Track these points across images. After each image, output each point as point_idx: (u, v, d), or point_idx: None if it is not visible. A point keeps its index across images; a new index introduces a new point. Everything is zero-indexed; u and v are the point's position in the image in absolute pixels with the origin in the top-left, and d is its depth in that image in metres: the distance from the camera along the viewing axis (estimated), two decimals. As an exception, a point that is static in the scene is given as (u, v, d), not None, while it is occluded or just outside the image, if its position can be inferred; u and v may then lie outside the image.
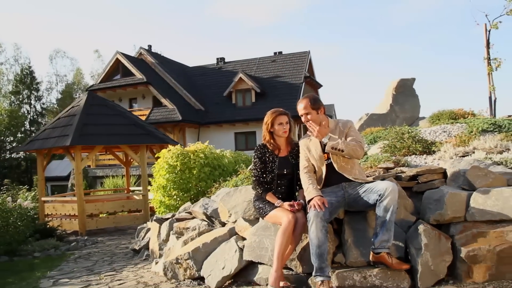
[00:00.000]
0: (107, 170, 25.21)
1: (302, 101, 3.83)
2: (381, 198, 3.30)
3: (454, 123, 6.80)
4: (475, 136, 5.23)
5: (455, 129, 6.44)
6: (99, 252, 7.94)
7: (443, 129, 6.51)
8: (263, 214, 3.77)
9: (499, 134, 5.49)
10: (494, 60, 9.16)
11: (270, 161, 3.89)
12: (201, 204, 5.23)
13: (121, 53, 26.74)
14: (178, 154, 7.48)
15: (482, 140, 4.97)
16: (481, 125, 6.21)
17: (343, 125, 3.80)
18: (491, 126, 6.21)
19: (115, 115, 11.89)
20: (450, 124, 6.73)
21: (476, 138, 5.14)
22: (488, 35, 9.22)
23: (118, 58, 26.66)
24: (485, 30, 9.24)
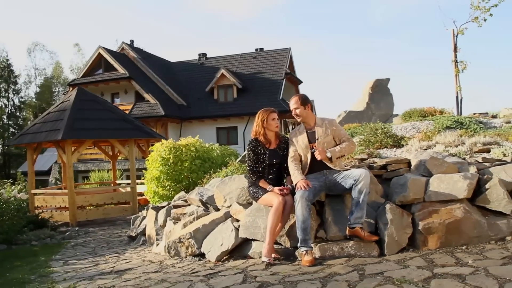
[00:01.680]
0: (89, 164, 25.45)
1: (293, 98, 4.51)
2: (356, 183, 3.96)
3: (423, 120, 7.54)
4: (438, 132, 5.96)
5: (423, 125, 7.17)
6: (94, 240, 8.42)
7: (413, 125, 7.23)
8: (256, 197, 4.41)
9: (460, 130, 6.24)
10: (461, 63, 9.95)
11: (262, 153, 4.51)
12: (197, 192, 5.83)
13: (104, 48, 26.87)
14: (171, 147, 8.04)
15: (444, 135, 5.71)
16: (445, 122, 6.96)
17: (329, 123, 4.45)
18: (454, 123, 6.96)
19: (104, 110, 12.35)
20: (419, 121, 7.47)
21: (439, 134, 5.88)
22: (455, 39, 9.99)
23: (100, 53, 26.74)
24: (453, 35, 10.02)
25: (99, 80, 26.72)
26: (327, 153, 4.24)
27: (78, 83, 26.26)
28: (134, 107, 25.49)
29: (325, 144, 4.34)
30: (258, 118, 4.60)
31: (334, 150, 4.26)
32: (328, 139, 4.36)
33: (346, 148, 4.34)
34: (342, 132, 4.49)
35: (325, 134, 4.36)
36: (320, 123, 4.43)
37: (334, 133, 4.40)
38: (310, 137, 4.39)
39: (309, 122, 4.46)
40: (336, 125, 4.50)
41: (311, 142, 4.37)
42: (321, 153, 4.21)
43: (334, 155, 4.25)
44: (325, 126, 4.40)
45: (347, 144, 4.37)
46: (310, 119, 4.46)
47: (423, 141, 5.66)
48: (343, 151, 4.32)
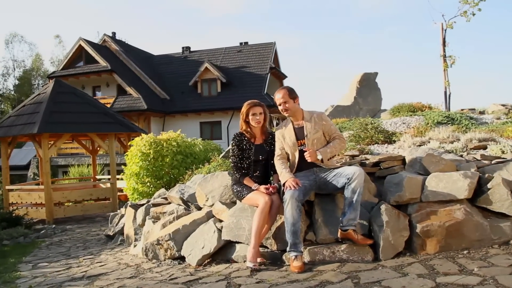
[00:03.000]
0: (70, 159, 24.82)
1: (280, 91, 4.12)
2: (349, 182, 3.66)
3: (413, 115, 7.31)
4: (430, 128, 5.72)
5: (413, 121, 6.94)
6: (70, 239, 8.03)
7: (403, 120, 7.00)
8: (241, 196, 4.09)
9: (452, 126, 6.02)
10: (449, 58, 9.77)
11: (247, 149, 4.18)
12: (178, 190, 5.49)
13: (84, 40, 26.22)
14: (151, 142, 7.68)
15: (437, 131, 5.46)
16: (436, 117, 6.74)
17: (318, 117, 4.10)
18: (445, 119, 6.75)
19: (83, 103, 11.88)
20: (409, 116, 7.24)
21: (431, 130, 5.64)
22: (444, 33, 9.80)
23: (81, 45, 26.08)
24: (442, 29, 9.84)
25: (80, 73, 26.08)
26: (318, 155, 3.91)
27: (58, 76, 25.60)
28: (116, 101, 24.94)
29: (315, 141, 4.03)
30: (241, 113, 4.28)
31: (325, 151, 3.94)
32: (317, 135, 4.04)
33: (337, 147, 4.04)
34: (333, 128, 4.17)
35: (315, 130, 4.04)
36: (308, 118, 4.10)
37: (323, 128, 4.08)
38: (298, 133, 4.07)
39: (297, 117, 4.13)
40: (325, 119, 4.18)
41: (299, 139, 4.05)
42: (311, 155, 3.87)
43: (326, 156, 3.94)
44: (314, 121, 4.08)
45: (338, 142, 4.07)
46: (298, 113, 4.13)
47: (416, 137, 5.41)
48: (334, 150, 4.02)
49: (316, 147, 3.99)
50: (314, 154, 3.88)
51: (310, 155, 3.87)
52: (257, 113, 4.20)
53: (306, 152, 3.90)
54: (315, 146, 4.00)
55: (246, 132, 4.25)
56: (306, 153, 3.90)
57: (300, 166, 4.03)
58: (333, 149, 4.00)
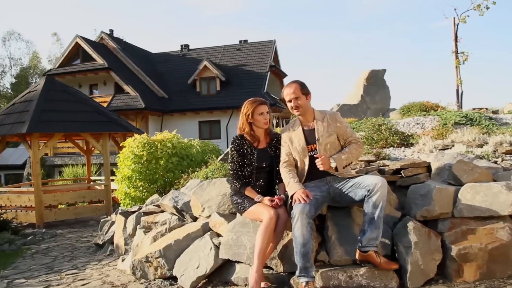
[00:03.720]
0: (66, 158, 24.30)
1: (291, 85, 3.55)
2: (369, 194, 3.11)
3: (426, 115, 6.77)
4: (451, 129, 5.18)
5: (427, 121, 6.40)
6: (58, 247, 7.51)
7: (416, 121, 6.46)
8: (241, 210, 3.55)
9: (475, 127, 5.47)
10: (461, 54, 9.24)
11: (248, 154, 3.64)
12: (171, 197, 4.95)
13: (81, 37, 25.73)
14: (144, 143, 7.13)
15: (460, 133, 4.92)
16: (453, 117, 6.20)
17: (331, 118, 3.57)
18: (463, 119, 6.21)
19: (76, 101, 11.34)
20: (422, 116, 6.70)
21: (453, 131, 5.09)
22: (456, 28, 9.28)
23: (77, 42, 25.63)
24: (454, 23, 9.31)
25: (77, 71, 25.63)
26: (332, 162, 3.37)
27: (54, 74, 25.22)
28: (113, 99, 24.47)
29: (328, 146, 3.49)
30: (243, 111, 3.72)
31: (340, 158, 3.40)
32: (331, 139, 3.50)
33: (354, 153, 3.50)
34: (349, 130, 3.60)
35: (328, 133, 3.49)
36: (320, 118, 3.55)
37: (338, 130, 3.53)
38: (308, 136, 3.53)
39: (307, 117, 3.58)
40: (340, 120, 3.61)
41: (309, 143, 3.51)
42: (324, 162, 3.34)
43: (341, 164, 3.40)
44: (326, 122, 3.53)
45: (355, 147, 3.52)
46: (308, 113, 3.58)
47: (436, 140, 4.87)
48: (350, 157, 3.47)
49: (329, 153, 3.46)
50: (327, 162, 3.35)
51: (322, 162, 3.33)
52: (264, 112, 3.66)
53: (318, 159, 3.36)
54: (328, 151, 3.47)
55: (248, 135, 3.70)
56: (317, 160, 3.36)
57: (310, 175, 3.49)
58: (349, 155, 3.46)
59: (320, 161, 3.34)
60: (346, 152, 3.46)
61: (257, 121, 3.64)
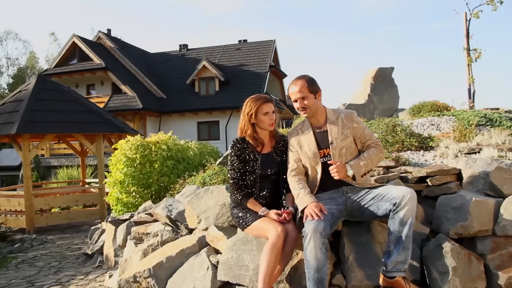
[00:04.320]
0: (63, 159, 23.78)
1: (297, 82, 3.06)
2: (395, 209, 2.63)
3: (441, 115, 6.30)
4: (475, 131, 4.70)
5: (443, 122, 5.94)
6: (46, 255, 7.05)
7: (430, 121, 5.99)
8: (243, 225, 3.07)
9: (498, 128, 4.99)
10: (473, 51, 8.77)
11: (251, 160, 3.17)
12: (164, 206, 4.48)
13: (78, 36, 25.25)
14: (138, 145, 6.65)
15: (486, 135, 4.44)
16: (472, 118, 5.73)
17: (346, 118, 3.08)
18: (482, 119, 5.74)
19: (69, 101, 10.89)
20: (437, 117, 6.23)
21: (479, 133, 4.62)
22: (468, 24, 8.81)
23: (74, 42, 25.14)
24: (465, 19, 8.84)
25: (73, 71, 25.12)
26: (348, 170, 2.91)
27: (50, 74, 24.84)
28: (110, 100, 23.98)
29: (343, 151, 3.01)
30: (244, 111, 3.23)
31: (358, 165, 2.93)
32: (346, 142, 3.02)
33: (373, 158, 3.00)
34: (367, 132, 3.12)
35: (343, 136, 3.02)
36: (333, 119, 3.08)
37: (355, 132, 3.05)
38: (320, 140, 3.06)
39: (318, 118, 3.11)
40: (357, 120, 3.12)
41: (321, 147, 3.04)
42: (339, 171, 2.87)
43: (359, 171, 2.92)
44: (341, 123, 3.05)
45: (375, 152, 3.03)
46: (319, 113, 3.10)
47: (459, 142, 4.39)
48: (370, 163, 2.98)
49: (345, 159, 2.99)
50: (343, 169, 2.88)
51: (337, 170, 2.86)
52: (270, 111, 3.18)
53: (332, 166, 2.89)
54: (343, 157, 3.00)
55: (250, 138, 3.22)
56: (332, 168, 2.89)
57: (323, 184, 3.01)
58: (369, 161, 2.97)
59: (334, 169, 2.87)
60: (364, 157, 2.98)
61: (261, 122, 3.17)
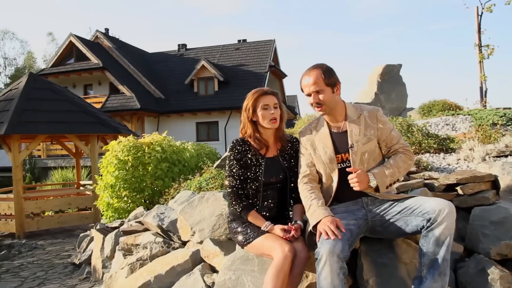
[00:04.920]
0: (60, 160, 23.36)
1: (311, 72, 2.55)
2: (430, 226, 2.16)
3: (456, 114, 5.87)
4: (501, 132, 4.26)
5: (458, 121, 5.50)
6: (33, 264, 6.62)
7: (445, 121, 5.56)
8: (243, 242, 2.62)
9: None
10: (485, 47, 8.33)
11: (253, 164, 2.73)
12: (155, 214, 4.04)
13: (75, 36, 24.88)
14: (130, 147, 6.20)
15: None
16: (490, 117, 5.30)
17: (370, 115, 2.59)
18: (502, 119, 5.30)
19: (61, 100, 10.45)
20: (451, 116, 5.79)
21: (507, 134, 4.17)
22: (479, 19, 8.36)
23: (71, 41, 24.82)
24: (477, 13, 8.39)
25: (70, 70, 24.78)
26: (371, 180, 2.43)
27: (47, 73, 24.58)
28: (108, 100, 23.61)
29: (365, 156, 2.53)
30: (243, 107, 2.79)
31: (383, 173, 2.45)
32: (370, 146, 2.55)
33: (402, 167, 2.52)
34: (394, 134, 2.62)
35: (366, 138, 2.55)
36: (354, 116, 2.60)
37: (380, 134, 2.58)
38: (338, 142, 2.59)
39: (336, 116, 2.63)
40: (383, 119, 2.63)
41: (339, 151, 2.57)
42: (361, 181, 2.40)
43: (383, 182, 2.45)
44: (364, 122, 2.57)
45: (403, 159, 2.54)
46: (338, 110, 2.62)
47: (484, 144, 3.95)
48: (397, 172, 2.50)
49: (367, 166, 2.53)
50: (364, 179, 2.41)
51: (358, 180, 2.40)
52: (270, 105, 2.71)
53: (352, 175, 2.44)
54: (365, 164, 2.53)
55: (252, 138, 2.76)
56: (351, 177, 2.44)
57: (340, 195, 2.55)
58: (395, 170, 2.48)
59: (355, 178, 2.41)
60: (391, 165, 2.50)
61: (261, 118, 2.70)
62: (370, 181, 2.42)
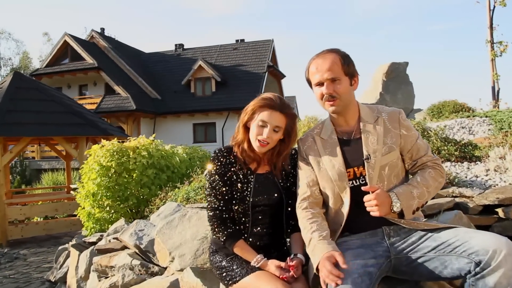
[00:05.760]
0: (54, 162, 22.85)
1: (326, 55, 2.01)
2: (481, 272, 1.60)
3: (471, 116, 5.33)
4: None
5: (475, 124, 4.96)
6: (9, 278, 6.12)
7: (460, 124, 5.03)
8: (228, 281, 2.07)
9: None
10: (498, 44, 7.79)
11: (239, 181, 2.18)
12: (133, 231, 3.51)
13: (70, 35, 24.43)
14: (114, 151, 5.66)
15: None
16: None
17: (390, 118, 2.04)
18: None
19: (48, 100, 9.93)
20: (466, 118, 5.26)
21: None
22: (491, 13, 7.83)
23: (66, 41, 24.40)
24: (488, 8, 7.85)
25: (65, 70, 24.34)
26: (394, 203, 1.86)
27: (41, 74, 24.29)
28: (103, 100, 23.17)
29: (385, 171, 1.97)
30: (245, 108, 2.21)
31: (409, 194, 1.89)
32: (391, 157, 1.99)
33: (432, 186, 1.97)
34: (421, 143, 2.08)
35: (386, 147, 1.99)
36: (370, 119, 2.05)
37: (404, 142, 2.02)
38: (350, 153, 2.03)
39: (348, 117, 2.08)
40: (406, 124, 2.07)
41: (351, 165, 2.02)
42: (381, 204, 1.83)
43: (409, 206, 1.88)
44: (383, 127, 2.01)
45: (433, 175, 1.99)
46: (351, 110, 2.07)
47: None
48: (426, 193, 1.93)
49: (387, 184, 1.97)
50: (385, 201, 1.85)
51: (378, 202, 1.82)
52: (270, 124, 2.12)
53: (369, 196, 1.86)
54: (385, 181, 1.97)
55: (241, 149, 2.21)
56: (368, 197, 1.87)
57: (353, 223, 1.98)
58: (424, 190, 1.92)
59: (373, 200, 1.83)
60: (418, 183, 1.94)
61: (252, 132, 2.16)
62: (392, 204, 1.85)
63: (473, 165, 3.36)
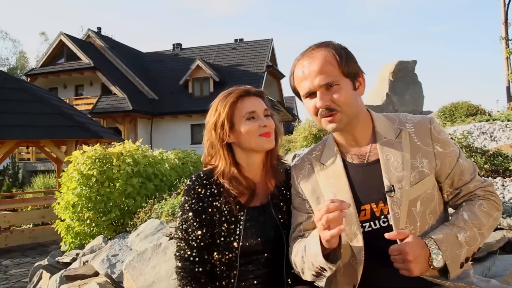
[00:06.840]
0: (49, 164, 22.34)
1: (314, 54, 1.44)
2: None
3: (491, 120, 4.81)
4: None
5: (497, 129, 4.44)
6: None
7: (480, 129, 4.50)
8: None
9: None
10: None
11: (224, 221, 1.61)
12: (106, 256, 3.00)
13: (66, 35, 24.09)
14: (96, 158, 5.13)
15: None
16: (540, 124, 4.24)
17: (418, 132, 1.46)
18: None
19: (34, 101, 9.44)
20: (486, 122, 4.74)
21: None
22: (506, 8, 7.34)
23: (62, 40, 24.14)
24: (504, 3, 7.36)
25: (60, 70, 24.07)
26: (434, 255, 1.28)
27: (37, 73, 24.09)
28: (99, 101, 22.80)
29: (418, 206, 1.37)
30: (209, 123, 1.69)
31: (454, 241, 1.31)
32: (425, 186, 1.39)
33: (486, 225, 1.38)
34: (464, 163, 1.48)
35: (416, 173, 1.40)
36: (389, 133, 1.47)
37: (441, 163, 1.43)
38: (363, 183, 1.46)
39: (356, 133, 1.50)
40: (442, 138, 1.46)
41: (365, 201, 1.44)
42: (414, 258, 1.25)
43: (457, 258, 1.30)
44: (408, 143, 1.43)
45: (486, 209, 1.40)
46: (360, 121, 1.48)
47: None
48: (478, 237, 1.35)
49: (420, 227, 1.40)
50: (420, 253, 1.28)
51: (410, 257, 1.25)
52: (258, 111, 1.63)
53: (396, 246, 1.29)
54: (418, 222, 1.39)
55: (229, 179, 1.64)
56: (395, 248, 1.28)
57: (369, 282, 1.40)
58: (475, 233, 1.35)
59: (404, 253, 1.27)
60: (465, 222, 1.37)
61: (245, 134, 1.61)
62: (431, 256, 1.29)
63: (508, 181, 2.80)
